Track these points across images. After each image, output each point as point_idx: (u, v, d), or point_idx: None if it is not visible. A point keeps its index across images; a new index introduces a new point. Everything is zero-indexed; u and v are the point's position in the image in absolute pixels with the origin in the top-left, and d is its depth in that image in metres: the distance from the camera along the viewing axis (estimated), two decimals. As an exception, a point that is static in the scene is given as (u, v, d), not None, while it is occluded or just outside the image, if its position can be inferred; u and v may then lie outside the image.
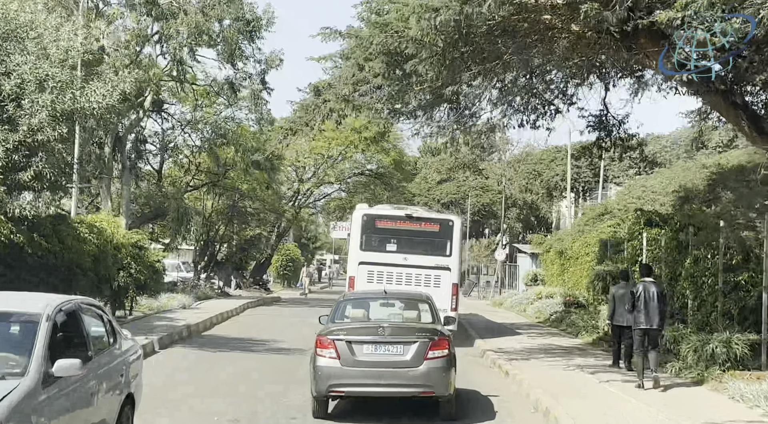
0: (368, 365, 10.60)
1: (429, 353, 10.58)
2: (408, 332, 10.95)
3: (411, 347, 10.61)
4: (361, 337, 10.75)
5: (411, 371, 10.54)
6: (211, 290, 37.96)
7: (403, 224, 21.30)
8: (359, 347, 10.64)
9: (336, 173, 50.17)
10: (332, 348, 10.57)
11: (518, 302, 34.74)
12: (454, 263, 20.98)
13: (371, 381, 10.58)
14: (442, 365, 10.66)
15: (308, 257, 67.88)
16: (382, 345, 10.67)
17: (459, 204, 77.12)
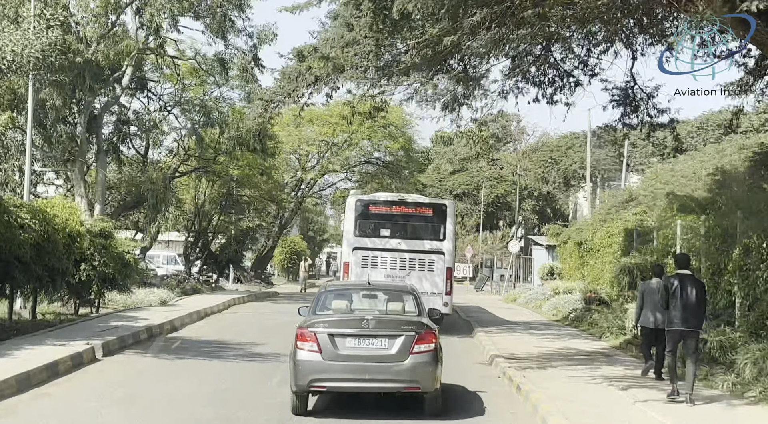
0: (351, 359, 10.17)
1: (415, 346, 10.22)
2: (393, 324, 10.52)
3: (396, 340, 10.23)
4: (344, 329, 10.32)
5: (396, 366, 10.16)
6: (205, 284, 35.40)
7: (396, 209, 21.41)
8: (342, 341, 10.23)
9: (341, 161, 47.36)
10: (313, 341, 10.15)
11: (533, 297, 31.87)
12: (449, 246, 20.97)
13: (354, 376, 10.17)
14: (429, 360, 10.28)
15: (314, 249, 65.15)
16: (365, 338, 10.25)
17: (472, 195, 74.23)
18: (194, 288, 31.07)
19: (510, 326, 23.01)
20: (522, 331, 21.63)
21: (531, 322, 24.47)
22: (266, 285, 46.11)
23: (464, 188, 73.94)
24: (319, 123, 46.72)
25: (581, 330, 21.33)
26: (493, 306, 32.34)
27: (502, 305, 34.09)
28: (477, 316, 26.49)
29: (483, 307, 31.72)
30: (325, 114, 47.09)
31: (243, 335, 18.69)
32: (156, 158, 33.02)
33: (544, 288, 32.53)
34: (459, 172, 76.39)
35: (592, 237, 28.36)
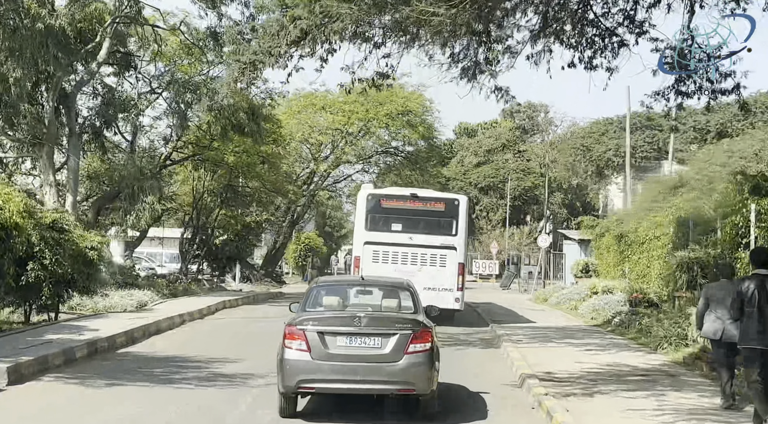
0: (342, 358, 9.53)
1: (410, 346, 9.57)
2: (387, 322, 9.84)
3: (390, 339, 9.60)
4: (335, 327, 9.69)
5: (389, 366, 9.53)
6: (204, 284, 32.17)
7: (408, 203, 21.01)
8: (332, 339, 9.60)
9: (356, 151, 43.94)
10: (302, 339, 9.53)
11: (567, 297, 28.19)
12: (460, 242, 20.58)
13: (345, 377, 9.53)
14: (424, 360, 9.63)
15: (332, 246, 61.75)
16: (357, 337, 9.61)
17: (498, 188, 70.47)
18: (187, 289, 27.79)
19: (542, 332, 19.40)
20: (557, 340, 18.00)
21: (567, 327, 20.83)
22: (276, 284, 42.85)
23: (489, 181, 70.19)
24: (333, 110, 43.39)
25: (629, 339, 17.66)
26: (521, 307, 28.74)
27: (531, 305, 30.46)
28: (503, 319, 22.93)
29: (509, 308, 28.13)
30: (338, 101, 43.78)
31: (214, 348, 15.24)
32: (148, 145, 29.71)
33: (579, 287, 28.81)
34: (484, 165, 72.69)
35: (635, 229, 24.66)
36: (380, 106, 43.05)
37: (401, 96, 43.39)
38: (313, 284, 11.26)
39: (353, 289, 11.39)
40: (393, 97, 43.45)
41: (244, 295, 28.10)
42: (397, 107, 42.90)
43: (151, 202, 21.88)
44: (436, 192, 25.69)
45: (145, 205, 22.08)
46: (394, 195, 22.06)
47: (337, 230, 61.23)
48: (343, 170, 46.98)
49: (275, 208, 43.66)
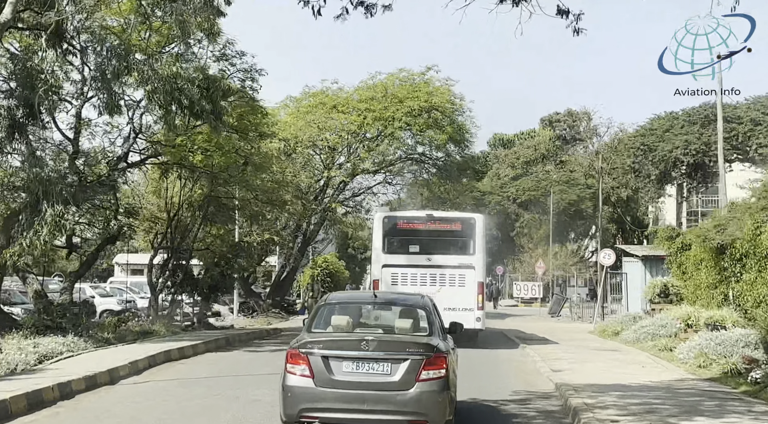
0: (348, 385, 8.58)
1: (422, 372, 8.57)
2: (397, 347, 8.83)
3: (400, 365, 8.62)
4: (340, 351, 8.75)
5: (400, 395, 8.56)
6: (176, 322, 25.18)
7: (424, 224, 20.87)
8: (337, 364, 8.67)
9: (375, 157, 36.81)
10: (305, 364, 8.63)
11: (647, 332, 20.57)
12: (478, 261, 20.20)
13: (351, 406, 8.56)
14: (438, 389, 8.63)
15: (355, 270, 54.47)
16: (365, 362, 8.66)
17: (540, 203, 62.78)
18: (146, 331, 20.74)
19: (644, 399, 11.88)
20: (679, 417, 10.52)
21: (675, 387, 13.27)
22: (284, 316, 35.82)
23: (530, 195, 62.59)
24: (345, 108, 36.44)
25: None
26: (587, 346, 21.25)
27: (596, 341, 22.93)
28: (570, 369, 15.57)
29: (569, 345, 20.71)
30: (352, 100, 36.89)
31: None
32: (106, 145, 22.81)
33: (662, 318, 21.17)
34: (522, 177, 65.18)
35: (752, 237, 17.12)
36: (400, 104, 36.00)
37: (425, 91, 36.33)
38: (322, 302, 10.39)
39: (365, 307, 10.43)
40: (415, 93, 36.42)
41: (219, 336, 20.88)
42: (420, 103, 35.82)
43: (58, 214, 14.92)
44: (452, 212, 25.50)
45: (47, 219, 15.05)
46: (410, 217, 21.99)
47: (362, 251, 53.97)
48: (361, 182, 39.89)
49: (281, 226, 36.68)
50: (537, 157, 67.83)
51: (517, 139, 72.91)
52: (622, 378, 14.35)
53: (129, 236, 25.05)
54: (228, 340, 20.26)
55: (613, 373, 15.21)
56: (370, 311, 10.38)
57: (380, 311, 10.38)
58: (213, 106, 17.69)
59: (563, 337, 24.57)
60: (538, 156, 67.90)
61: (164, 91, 16.60)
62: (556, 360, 17.45)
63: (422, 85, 36.61)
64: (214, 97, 17.71)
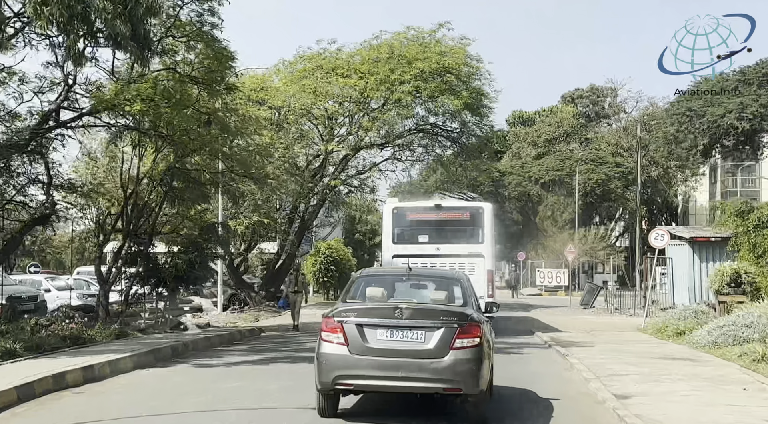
0: (382, 353, 8.51)
1: (456, 341, 8.48)
2: (431, 315, 8.75)
3: (434, 333, 8.54)
4: (374, 320, 8.70)
5: (434, 363, 8.46)
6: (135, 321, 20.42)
7: (433, 214, 20.87)
8: (372, 332, 8.62)
9: (380, 128, 31.66)
10: (340, 332, 8.63)
11: (731, 334, 15.51)
12: (487, 249, 20.21)
13: (385, 373, 8.48)
14: (472, 357, 8.51)
15: (363, 256, 49.45)
16: (399, 330, 8.59)
17: (564, 183, 57.46)
18: (78, 336, 15.87)
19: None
20: None
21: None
22: (276, 310, 31.01)
23: (553, 175, 57.25)
24: (345, 71, 31.38)
25: None
26: (643, 350, 16.14)
27: (656, 344, 17.79)
28: (633, 393, 10.57)
29: (622, 353, 15.59)
30: (354, 62, 31.86)
31: None
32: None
33: (746, 316, 16.02)
34: (545, 157, 59.85)
35: None
36: (408, 66, 30.88)
37: (436, 51, 31.17)
38: (357, 275, 10.43)
39: (399, 280, 10.37)
40: (425, 53, 31.29)
41: (167, 343, 15.82)
42: (431, 65, 30.69)
43: None
44: (460, 201, 25.01)
45: None
46: (419, 207, 22.16)
47: (370, 236, 48.89)
48: (366, 157, 34.81)
49: (274, 208, 31.75)
50: (560, 135, 62.46)
51: (537, 116, 67.44)
52: (728, 414, 9.31)
53: (65, 217, 20.20)
54: (177, 349, 15.28)
55: (709, 402, 10.16)
56: (404, 283, 10.28)
57: (414, 283, 10.31)
58: (133, 29, 12.72)
59: (610, 337, 19.49)
60: (561, 134, 62.52)
61: (59, 3, 11.66)
62: (614, 377, 12.40)
63: (433, 45, 31.46)
64: (133, 15, 12.73)
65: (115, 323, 19.12)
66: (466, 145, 34.46)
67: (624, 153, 60.18)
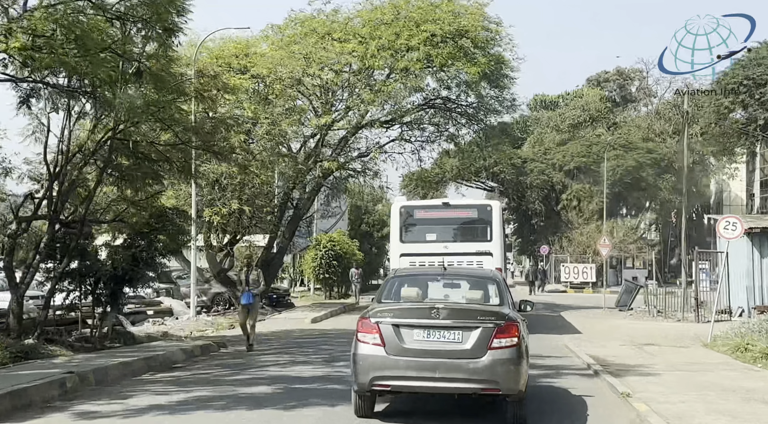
0: (419, 353, 8.34)
1: (494, 341, 8.29)
2: (468, 315, 8.60)
3: (471, 333, 8.35)
4: (411, 320, 8.54)
5: (471, 363, 8.27)
6: (61, 338, 15.83)
7: (440, 212, 20.63)
8: (408, 332, 8.44)
9: (382, 100, 26.74)
10: (376, 333, 8.46)
11: None
12: (496, 247, 19.74)
13: (422, 374, 8.31)
14: (510, 356, 8.32)
15: (371, 250, 44.51)
16: (436, 330, 8.42)
17: (591, 171, 52.34)
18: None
19: None
20: None
21: None
22: (264, 312, 26.43)
23: (579, 162, 52.15)
24: (343, 35, 26.58)
25: None
26: (734, 387, 11.23)
27: (743, 373, 12.81)
28: None
29: (707, 391, 10.68)
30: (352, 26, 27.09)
31: None
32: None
33: None
34: (569, 143, 54.75)
35: None
36: (416, 29, 26.03)
37: (449, 10, 26.28)
38: (391, 275, 10.58)
39: (434, 280, 10.03)
40: (436, 13, 26.45)
41: (65, 373, 11.04)
42: (442, 27, 25.83)
43: None
44: (468, 199, 25.40)
45: None
46: (426, 206, 22.35)
47: (378, 228, 44.01)
48: (370, 137, 29.92)
49: (263, 195, 27.03)
50: (585, 120, 57.34)
51: (561, 100, 62.27)
52: None
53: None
54: (65, 385, 10.51)
55: None
56: (439, 283, 9.97)
57: (449, 283, 10.06)
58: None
59: (673, 357, 14.60)
60: (587, 118, 57.40)
61: None
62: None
63: (445, 4, 26.59)
64: None
65: (30, 337, 14.62)
66: (484, 123, 29.56)
67: (656, 138, 54.97)
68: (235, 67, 25.13)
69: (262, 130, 24.47)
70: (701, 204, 68.16)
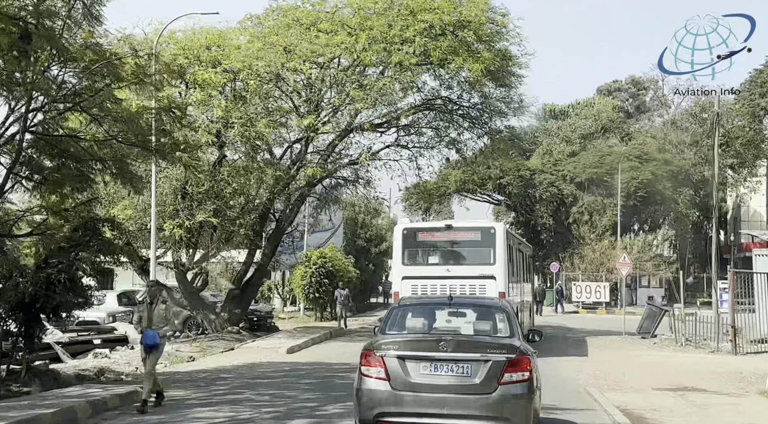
0: (425, 388, 7.93)
1: (505, 375, 7.87)
2: (478, 347, 8.16)
3: (481, 367, 7.92)
4: (418, 352, 8.12)
5: (481, 399, 7.88)
6: None
7: (443, 235, 19.98)
8: (415, 366, 8.01)
9: (373, 99, 23.35)
10: (380, 366, 8.03)
11: None
12: (499, 271, 18.87)
13: (429, 410, 7.91)
14: (522, 392, 7.95)
15: (368, 267, 40.95)
16: (444, 364, 7.98)
17: (603, 183, 48.87)
18: None
19: None
20: None
21: None
22: (240, 338, 23.15)
23: (591, 173, 48.65)
24: (330, 26, 23.31)
25: None
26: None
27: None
28: None
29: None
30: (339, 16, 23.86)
31: None
32: None
33: None
34: (580, 153, 51.29)
35: None
36: (412, 18, 22.79)
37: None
38: (395, 304, 9.99)
39: (440, 309, 9.39)
40: (435, 1, 23.22)
41: None
42: (441, 17, 22.57)
43: None
44: (471, 221, 23.05)
45: None
46: (429, 227, 21.71)
47: (376, 243, 40.47)
48: (360, 141, 26.49)
49: (240, 208, 23.69)
50: (597, 130, 53.93)
51: (571, 109, 58.89)
52: None
53: None
54: None
55: None
56: (445, 312, 9.39)
57: (456, 312, 9.43)
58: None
59: (725, 413, 11.13)
60: (599, 128, 53.99)
61: None
62: None
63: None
64: None
65: None
66: (488, 126, 26.21)
67: (672, 150, 51.52)
68: (206, 60, 21.93)
69: (234, 132, 21.20)
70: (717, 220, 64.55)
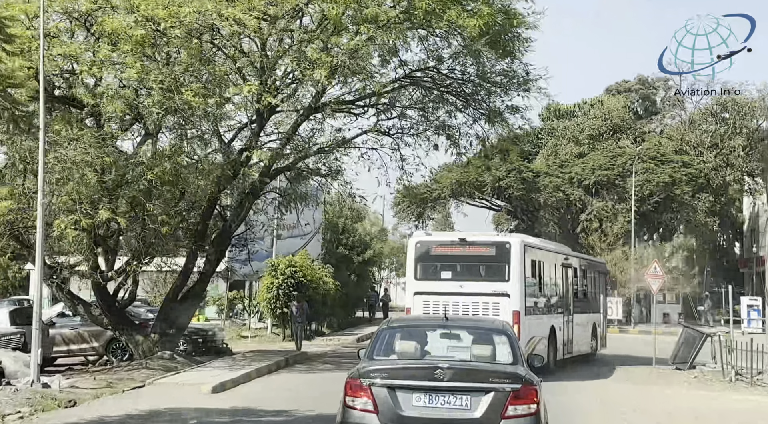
0: (419, 422, 7.08)
1: (509, 408, 7.01)
2: (477, 376, 7.30)
3: (482, 398, 7.07)
4: (410, 381, 7.25)
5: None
6: None
7: (457, 249, 18.80)
8: (406, 396, 7.14)
9: (339, 59, 17.84)
10: (367, 397, 7.13)
11: None
12: (514, 288, 17.72)
13: None
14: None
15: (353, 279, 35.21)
16: (439, 394, 7.13)
17: (615, 187, 43.42)
18: None
19: None
20: None
21: None
22: (170, 367, 17.69)
23: (602, 176, 43.19)
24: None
25: None
26: None
27: None
28: None
29: None
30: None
31: None
32: None
33: None
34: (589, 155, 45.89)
35: None
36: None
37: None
38: (384, 326, 8.63)
39: (435, 332, 8.47)
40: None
41: None
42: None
43: None
44: (487, 235, 20.97)
45: None
46: (443, 241, 19.64)
47: (359, 251, 34.75)
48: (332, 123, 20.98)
49: (164, 203, 18.15)
50: (607, 130, 48.53)
51: (578, 109, 53.52)
52: None
53: None
54: None
55: None
56: (441, 335, 8.40)
57: (452, 334, 8.48)
58: None
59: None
60: (609, 128, 48.60)
61: None
62: None
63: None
64: None
65: None
66: (487, 105, 20.81)
67: (691, 152, 46.13)
68: (119, 7, 16.57)
69: (151, 100, 15.80)
70: (732, 231, 59.14)
